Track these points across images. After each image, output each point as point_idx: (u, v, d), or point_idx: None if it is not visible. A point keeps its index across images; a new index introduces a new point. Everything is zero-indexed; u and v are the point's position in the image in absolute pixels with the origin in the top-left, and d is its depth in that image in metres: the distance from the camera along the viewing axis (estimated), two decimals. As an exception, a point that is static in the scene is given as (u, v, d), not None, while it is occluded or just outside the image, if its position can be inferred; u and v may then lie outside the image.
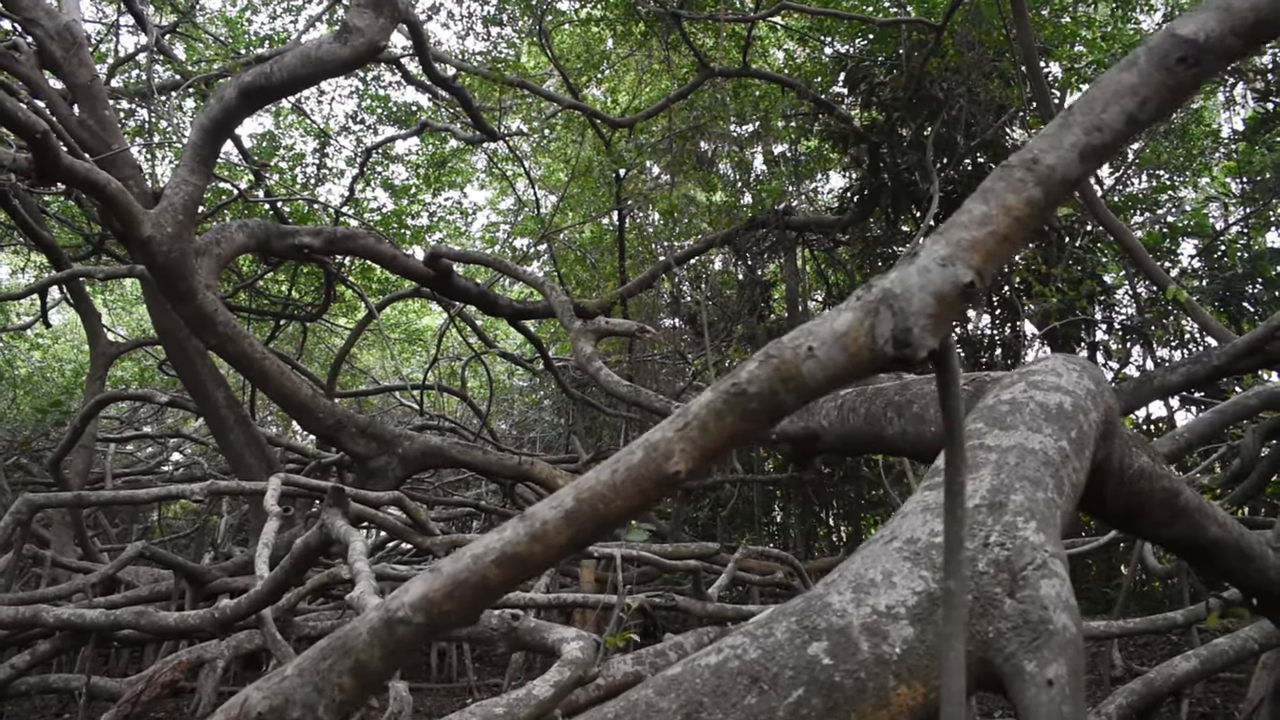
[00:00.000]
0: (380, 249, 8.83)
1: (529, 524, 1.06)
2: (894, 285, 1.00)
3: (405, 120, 13.28)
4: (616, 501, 1.03)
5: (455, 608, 1.05)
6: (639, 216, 14.32)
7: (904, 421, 2.92)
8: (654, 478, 1.02)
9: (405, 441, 7.98)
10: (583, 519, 1.04)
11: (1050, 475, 1.55)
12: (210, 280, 7.66)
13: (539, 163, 16.11)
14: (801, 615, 1.32)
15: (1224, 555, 2.35)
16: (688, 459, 1.01)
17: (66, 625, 5.73)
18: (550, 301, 7.86)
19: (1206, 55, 1.15)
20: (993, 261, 1.02)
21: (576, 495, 1.06)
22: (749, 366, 1.03)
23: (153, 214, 7.18)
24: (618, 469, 1.05)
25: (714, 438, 1.01)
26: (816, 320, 1.03)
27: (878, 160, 10.33)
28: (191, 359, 8.56)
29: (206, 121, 7.59)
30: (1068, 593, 1.31)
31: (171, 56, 11.92)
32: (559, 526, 1.05)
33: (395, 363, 15.92)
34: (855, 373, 0.99)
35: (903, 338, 0.97)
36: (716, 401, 1.02)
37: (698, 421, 1.02)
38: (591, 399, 12.64)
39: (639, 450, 1.05)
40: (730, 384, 1.03)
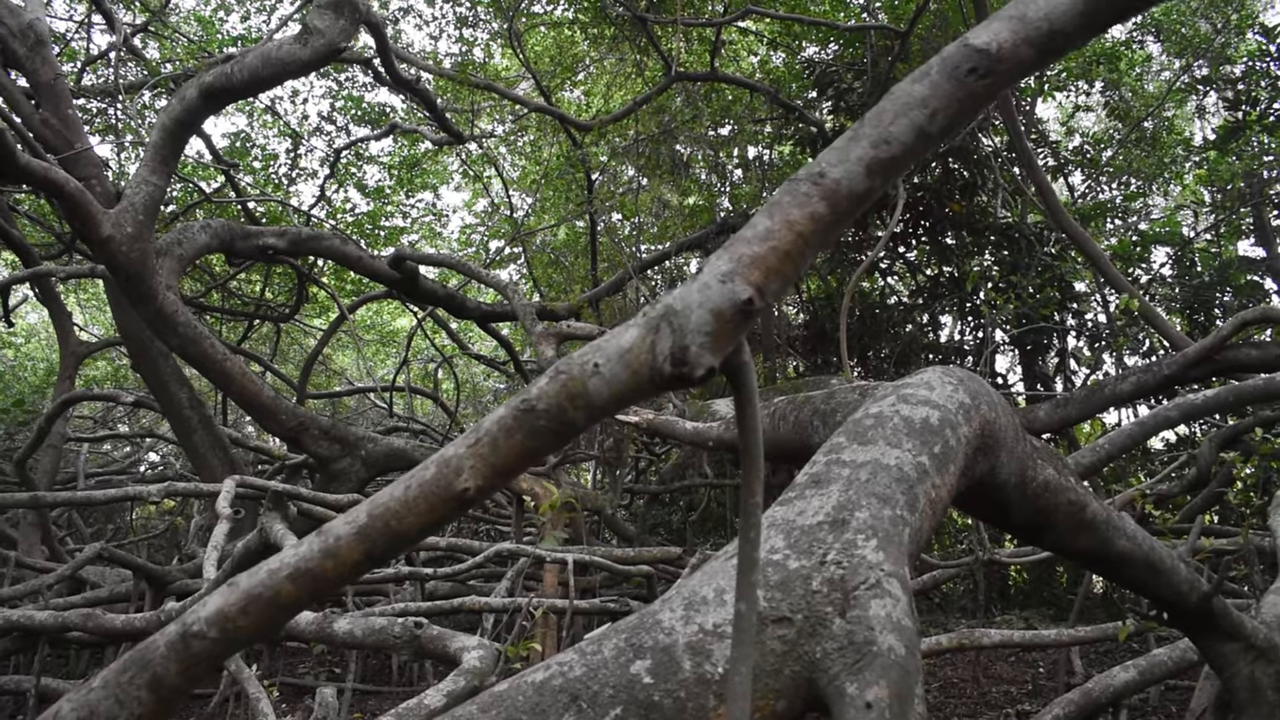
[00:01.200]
0: (345, 251, 8.81)
1: (323, 540, 1.05)
2: (675, 302, 0.99)
3: (378, 121, 13.24)
4: (409, 518, 1.02)
5: (249, 623, 1.05)
6: (611, 220, 14.32)
7: (828, 429, 2.91)
8: (444, 494, 1.01)
9: (368, 444, 7.97)
10: (375, 535, 1.03)
11: (903, 492, 1.53)
12: (171, 281, 7.63)
13: (515, 165, 16.10)
14: (631, 632, 1.30)
15: (1133, 568, 2.36)
16: (478, 475, 1.00)
17: (15, 627, 5.70)
18: (513, 305, 7.86)
19: (999, 66, 1.14)
20: (775, 278, 1.01)
21: (370, 511, 1.05)
22: (540, 382, 1.01)
23: (112, 214, 7.15)
24: (410, 485, 1.04)
25: (504, 455, 1.00)
26: (606, 336, 1.02)
27: (846, 165, 10.33)
28: (154, 360, 8.53)
29: (168, 121, 7.56)
30: (900, 613, 1.28)
31: (141, 56, 11.86)
32: (352, 543, 1.04)
33: (368, 364, 15.88)
34: (639, 390, 0.98)
35: (680, 355, 0.95)
36: (507, 418, 1.01)
37: (488, 438, 1.01)
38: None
39: (432, 466, 1.04)
40: (521, 400, 1.01)
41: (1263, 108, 11.63)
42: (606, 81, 13.57)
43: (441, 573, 5.89)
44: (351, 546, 1.04)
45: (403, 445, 8.20)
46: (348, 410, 17.34)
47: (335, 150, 12.13)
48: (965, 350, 11.89)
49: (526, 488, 8.21)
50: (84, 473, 13.32)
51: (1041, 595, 10.39)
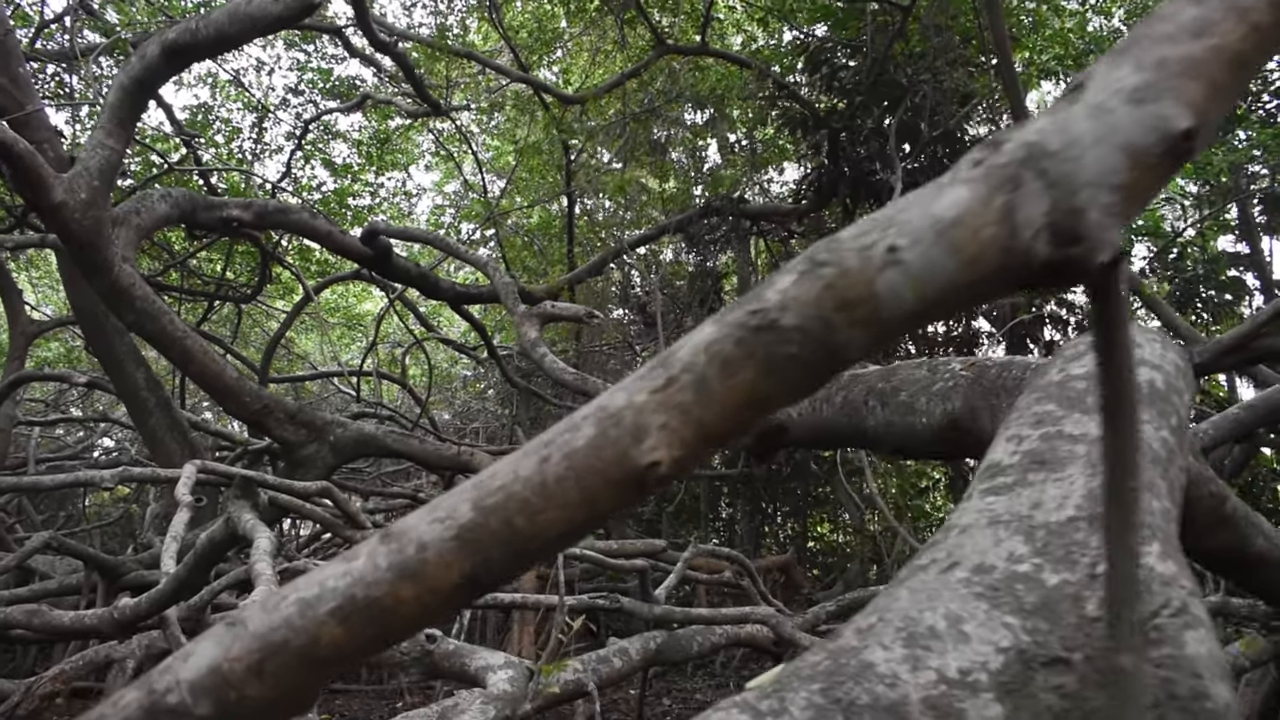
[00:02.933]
0: (315, 225, 8.34)
1: (396, 549, 0.64)
2: (1046, 138, 0.59)
3: (347, 95, 12.76)
4: (548, 511, 0.63)
5: (267, 691, 0.63)
6: (588, 202, 13.93)
7: (889, 411, 2.57)
8: (614, 472, 0.61)
9: (337, 429, 7.53)
10: (489, 541, 0.63)
11: (1161, 476, 1.15)
12: (128, 253, 7.13)
13: (488, 146, 15.64)
14: (829, 681, 0.87)
15: (1269, 570, 2.01)
16: (675, 441, 0.60)
17: (-47, 623, 5.24)
18: (494, 284, 7.44)
19: None
20: (1218, 98, 0.61)
21: (478, 501, 0.66)
22: (782, 283, 0.62)
23: (65, 179, 6.65)
24: (550, 456, 0.64)
25: (720, 405, 0.59)
26: (900, 202, 0.64)
27: (837, 148, 10.02)
28: (109, 337, 8.03)
29: (127, 81, 7.06)
30: (1218, 649, 0.90)
31: (99, 18, 11.30)
32: (449, 555, 0.63)
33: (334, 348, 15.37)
34: (977, 289, 0.59)
35: (1067, 225, 0.56)
36: (724, 343, 0.61)
37: (691, 378, 0.60)
38: (537, 388, 12.22)
39: (587, 425, 0.64)
40: (749, 312, 0.61)
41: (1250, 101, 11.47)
42: (585, 60, 13.15)
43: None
44: (447, 561, 0.63)
45: (373, 430, 7.77)
46: (310, 395, 16.79)
47: (304, 122, 11.63)
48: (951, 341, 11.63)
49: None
50: (34, 458, 12.75)
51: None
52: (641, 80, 11.16)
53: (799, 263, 0.61)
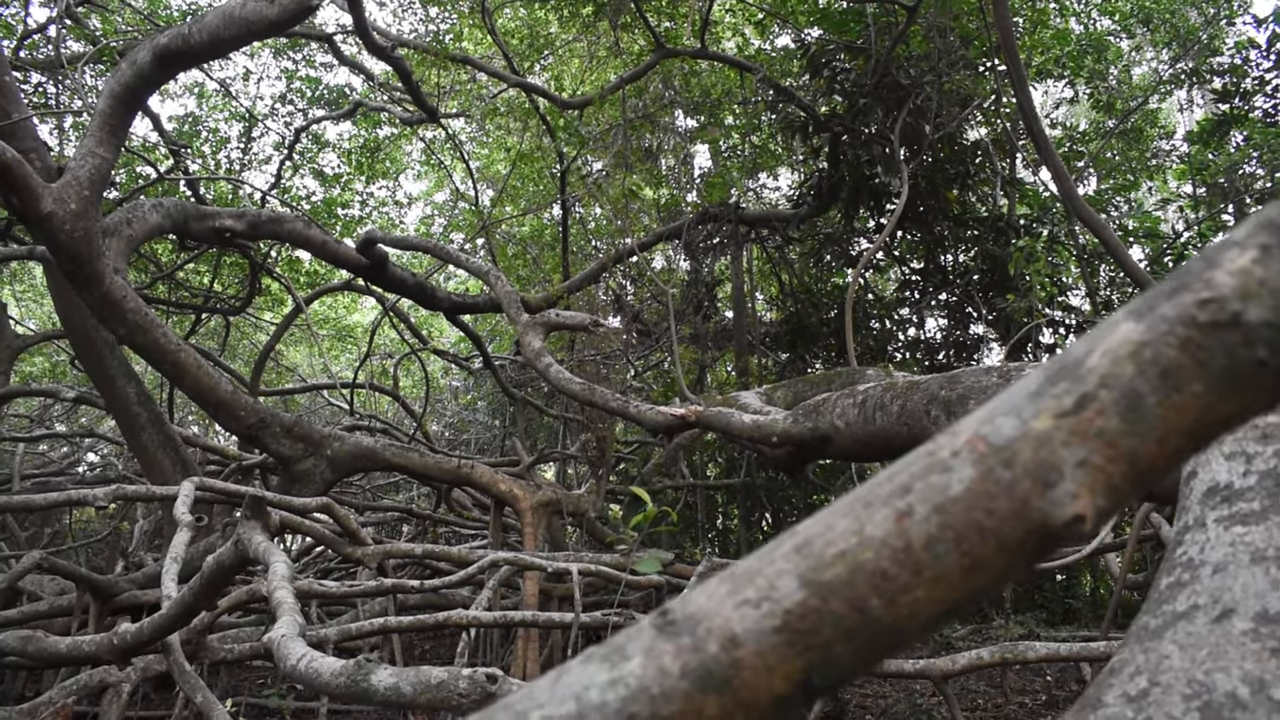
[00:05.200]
0: (309, 235, 8.16)
1: (690, 645, 0.46)
2: None
3: (337, 103, 12.58)
4: (917, 590, 0.46)
5: None
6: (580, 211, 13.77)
7: (953, 420, 2.42)
8: (1013, 531, 0.45)
9: (334, 443, 7.34)
10: (831, 635, 0.46)
11: None
12: (120, 264, 6.95)
13: (477, 155, 15.47)
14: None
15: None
16: (1100, 485, 0.44)
17: (-57, 649, 5.04)
18: (496, 292, 7.27)
19: None
20: None
21: (810, 574, 0.48)
22: (1235, 259, 0.45)
23: (55, 188, 6.47)
24: (912, 510, 0.48)
25: (1160, 432, 0.44)
26: None
27: (838, 151, 9.90)
28: (99, 351, 7.84)
29: (117, 88, 6.89)
30: None
31: (84, 26, 11.09)
32: (772, 655, 0.46)
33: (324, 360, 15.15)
34: None
35: None
36: (1160, 345, 0.45)
37: (1116, 396, 0.45)
38: (531, 399, 12.05)
39: (962, 465, 0.48)
40: (1196, 301, 0.44)
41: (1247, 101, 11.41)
42: (578, 66, 13.01)
43: (432, 584, 5.31)
44: (770, 664, 0.45)
45: (372, 444, 7.58)
46: (299, 409, 16.57)
47: (295, 130, 11.44)
48: (950, 345, 11.50)
49: (505, 489, 7.65)
50: (19, 474, 12.50)
51: (1033, 599, 10.02)
52: (636, 86, 11.03)
53: (1258, 230, 0.45)
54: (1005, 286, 10.76)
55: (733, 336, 13.32)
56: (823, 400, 3.15)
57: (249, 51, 13.17)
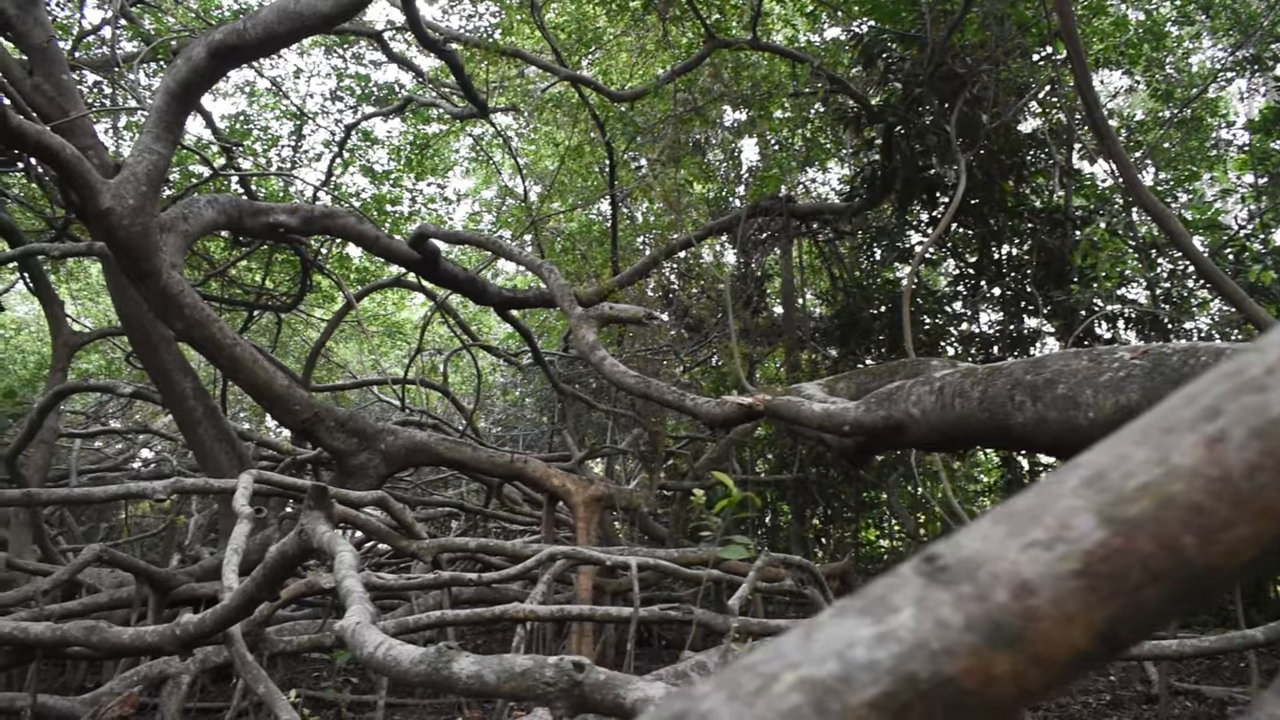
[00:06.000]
0: (362, 229, 8.18)
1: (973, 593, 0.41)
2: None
3: (386, 100, 12.63)
4: (1238, 526, 0.40)
5: None
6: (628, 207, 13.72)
7: (1043, 406, 2.32)
8: None
9: (388, 437, 7.35)
10: (1138, 579, 0.40)
11: None
12: (176, 259, 7.01)
13: (525, 151, 15.47)
14: None
15: None
16: None
17: (9, 640, 5.08)
18: (549, 285, 7.24)
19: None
20: None
21: (1109, 509, 0.41)
22: None
23: (112, 184, 6.53)
24: (1227, 434, 0.41)
25: None
26: None
27: (892, 143, 9.76)
28: (156, 346, 7.91)
29: (173, 85, 6.94)
30: None
31: (138, 26, 11.22)
32: (1070, 602, 0.40)
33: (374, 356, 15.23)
34: None
35: None
36: None
37: None
38: (580, 394, 12.02)
39: None
40: None
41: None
42: (626, 60, 12.96)
43: (489, 577, 5.29)
44: (1068, 613, 0.40)
45: (425, 438, 7.59)
46: (350, 405, 16.68)
47: (346, 127, 11.50)
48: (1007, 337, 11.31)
49: (558, 483, 7.62)
50: (76, 469, 12.68)
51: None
52: (685, 79, 10.95)
53: None
54: (1062, 279, 10.57)
55: (782, 332, 13.21)
56: (896, 388, 3.07)
57: (300, 50, 13.26)
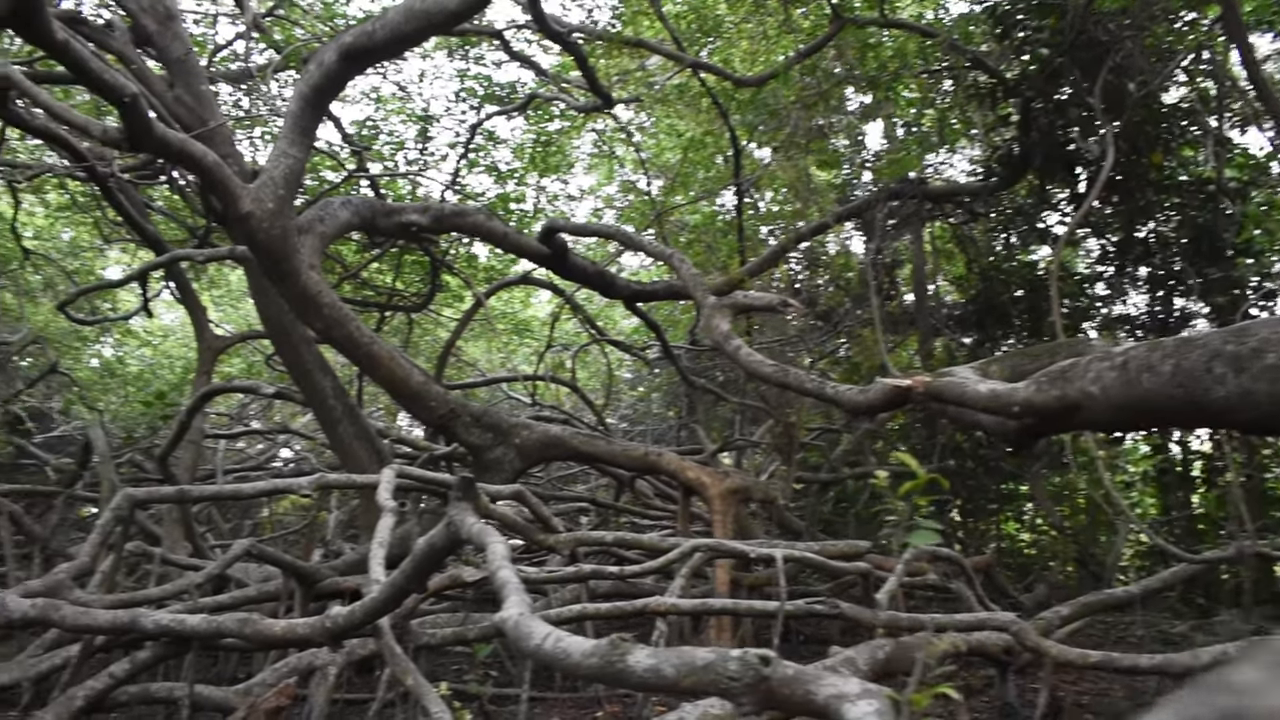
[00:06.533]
0: (491, 226, 8.23)
1: None
2: None
3: (509, 100, 12.72)
4: None
5: None
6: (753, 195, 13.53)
7: (1248, 379, 2.11)
8: None
9: (523, 431, 7.37)
10: None
11: None
12: (314, 260, 7.15)
13: (646, 145, 15.40)
14: None
15: None
16: None
17: (166, 632, 5.24)
18: (681, 275, 7.15)
19: None
20: None
21: None
22: None
23: (251, 189, 6.69)
24: None
25: None
26: None
27: (1029, 117, 9.36)
28: (297, 346, 8.09)
29: (306, 89, 7.08)
30: None
31: (270, 36, 11.55)
32: None
33: (502, 354, 15.40)
34: None
35: None
36: None
37: None
38: (710, 386, 11.90)
39: None
40: None
41: None
42: (747, 48, 12.78)
43: (630, 571, 5.23)
44: None
45: (560, 432, 7.58)
46: (480, 403, 16.89)
47: (471, 126, 11.64)
48: (1152, 320, 10.76)
49: (693, 476, 7.52)
50: (221, 469, 13.17)
51: (1272, 590, 9.24)
52: (806, 65, 10.72)
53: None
54: (1215, 256, 9.99)
55: (915, 320, 12.86)
56: (1069, 366, 2.87)
57: (422, 53, 13.46)
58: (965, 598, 6.76)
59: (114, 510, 6.45)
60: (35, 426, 14.51)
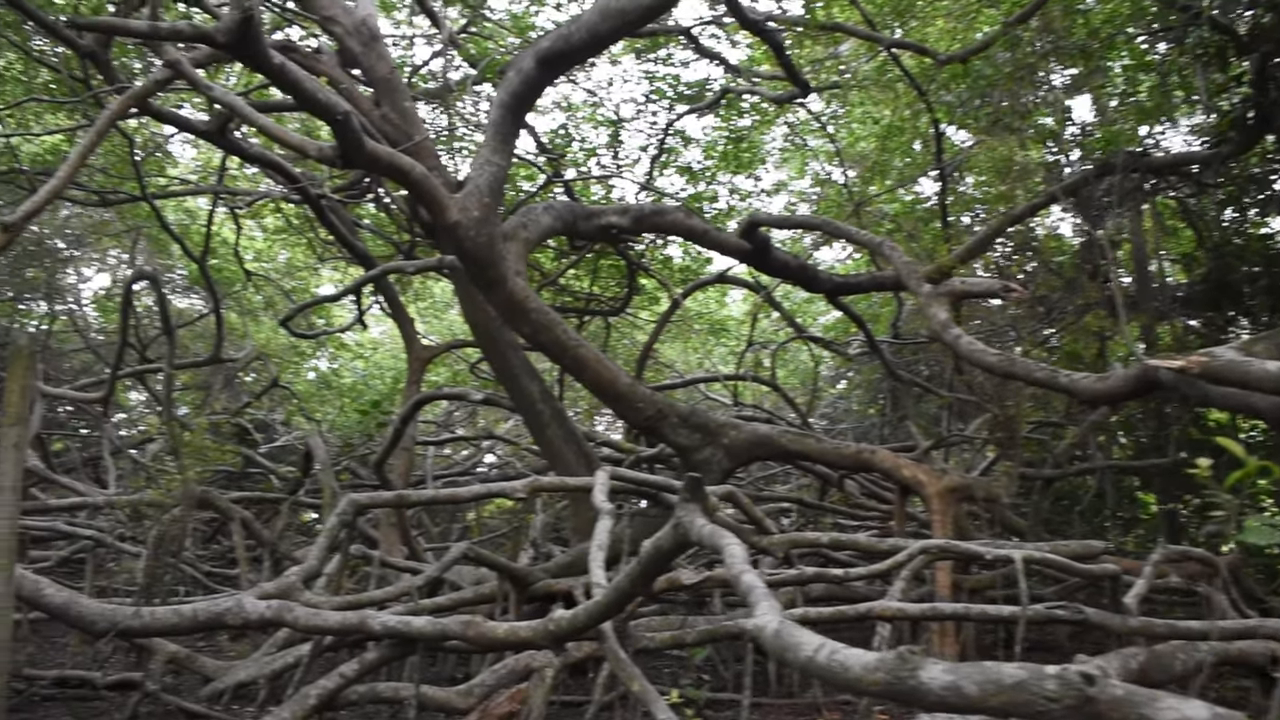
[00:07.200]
0: (691, 224, 8.14)
1: None
2: None
3: (697, 98, 12.63)
4: None
5: None
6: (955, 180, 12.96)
7: None
8: None
9: (731, 431, 7.22)
10: None
11: None
12: (519, 266, 7.21)
13: (839, 135, 15.01)
14: None
15: None
16: None
17: (393, 634, 5.35)
18: (893, 264, 6.85)
19: None
20: None
21: None
22: None
23: (458, 198, 6.81)
24: None
25: None
26: None
27: (1265, 75, 8.56)
28: (504, 352, 8.20)
29: (506, 97, 7.16)
30: None
31: (465, 52, 11.85)
32: None
33: (699, 355, 15.32)
34: None
35: None
36: None
37: None
38: (918, 380, 11.45)
39: None
40: None
41: None
42: (942, 26, 12.26)
43: (855, 574, 5.01)
44: None
45: (769, 431, 7.39)
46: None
47: (665, 126, 11.63)
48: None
49: (910, 474, 7.19)
50: (431, 474, 13.59)
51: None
52: (1005, 41, 10.16)
53: None
54: None
55: (1136, 302, 12.02)
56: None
57: (610, 58, 13.52)
58: (1216, 603, 6.18)
59: (339, 515, 6.65)
60: (261, 437, 15.38)
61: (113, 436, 13.64)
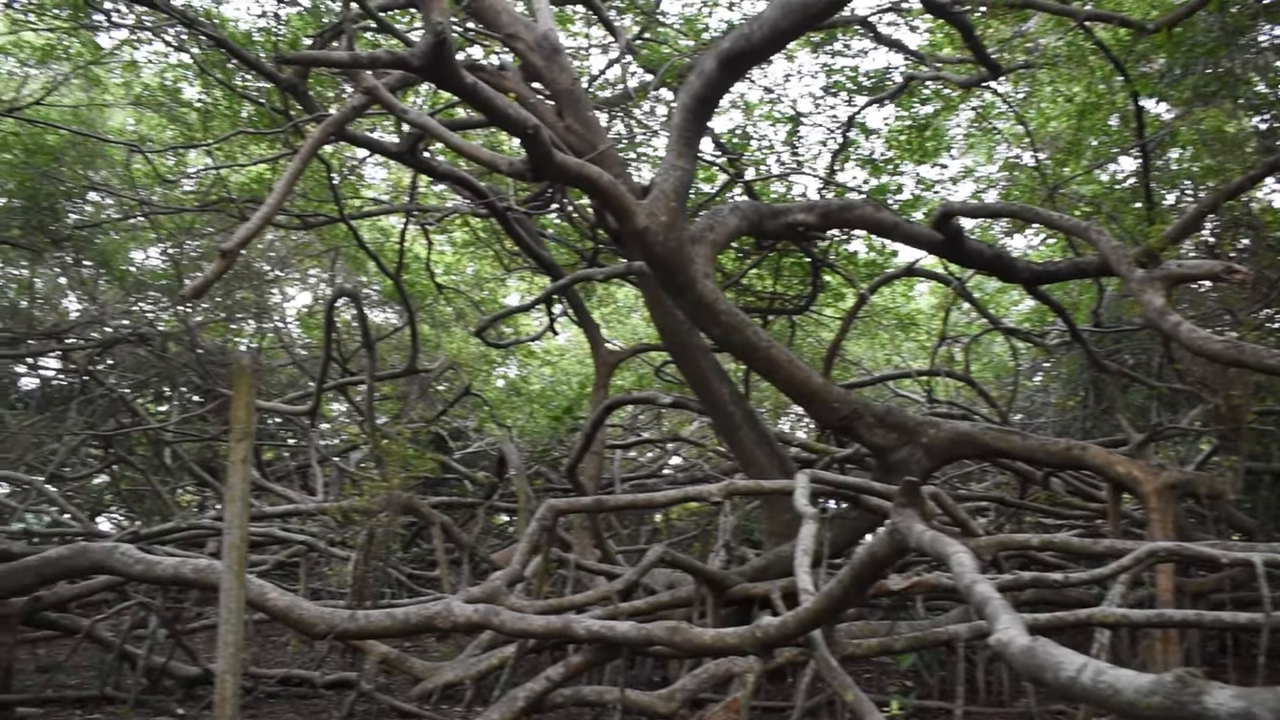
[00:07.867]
0: (880, 217, 7.95)
1: None
2: None
3: (878, 89, 12.33)
4: None
5: None
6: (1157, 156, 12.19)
7: None
8: None
9: (930, 430, 6.99)
10: None
11: None
12: (708, 268, 7.20)
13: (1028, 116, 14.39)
14: None
15: None
16: None
17: (597, 638, 5.40)
18: (1100, 249, 6.49)
19: None
20: None
21: None
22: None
23: (645, 204, 6.84)
24: None
25: None
26: None
27: None
28: (693, 355, 8.20)
29: (688, 100, 7.15)
30: None
31: (641, 58, 11.94)
32: None
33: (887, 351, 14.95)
34: None
35: None
36: None
37: None
38: (1126, 370, 10.82)
39: None
40: None
41: None
42: None
43: (1076, 578, 4.77)
44: None
45: (970, 429, 7.14)
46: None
47: (848, 118, 11.43)
48: None
49: (1124, 470, 6.80)
50: (618, 477, 13.73)
51: None
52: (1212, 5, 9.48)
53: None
54: None
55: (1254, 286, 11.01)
56: None
57: (786, 54, 13.35)
58: None
59: (539, 520, 6.79)
60: (455, 444, 15.89)
61: (319, 446, 14.37)
